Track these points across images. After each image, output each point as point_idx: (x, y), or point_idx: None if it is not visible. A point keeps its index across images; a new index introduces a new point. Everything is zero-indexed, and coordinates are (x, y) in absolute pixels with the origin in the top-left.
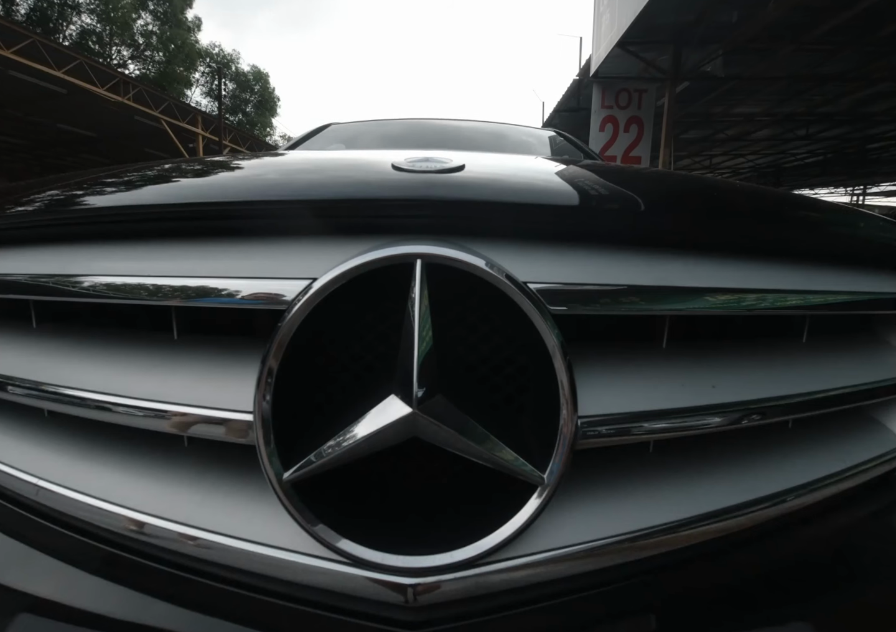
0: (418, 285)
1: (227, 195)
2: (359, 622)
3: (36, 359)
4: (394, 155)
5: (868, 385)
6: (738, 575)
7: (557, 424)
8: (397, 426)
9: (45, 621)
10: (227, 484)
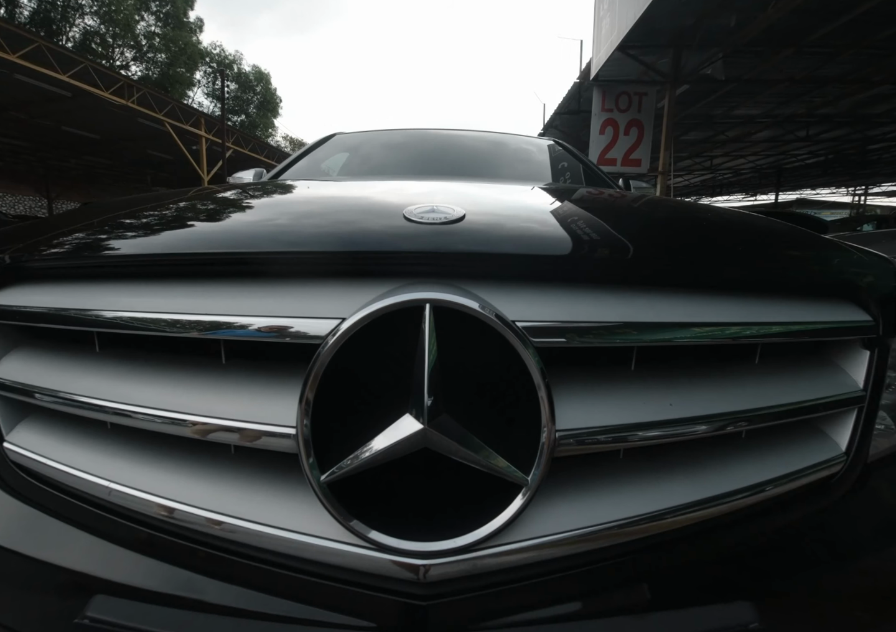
0: (427, 325)
1: (268, 245)
2: (379, 595)
3: (100, 380)
4: (405, 197)
5: (812, 401)
6: (691, 560)
7: (540, 439)
8: (412, 439)
9: (118, 600)
10: (268, 485)
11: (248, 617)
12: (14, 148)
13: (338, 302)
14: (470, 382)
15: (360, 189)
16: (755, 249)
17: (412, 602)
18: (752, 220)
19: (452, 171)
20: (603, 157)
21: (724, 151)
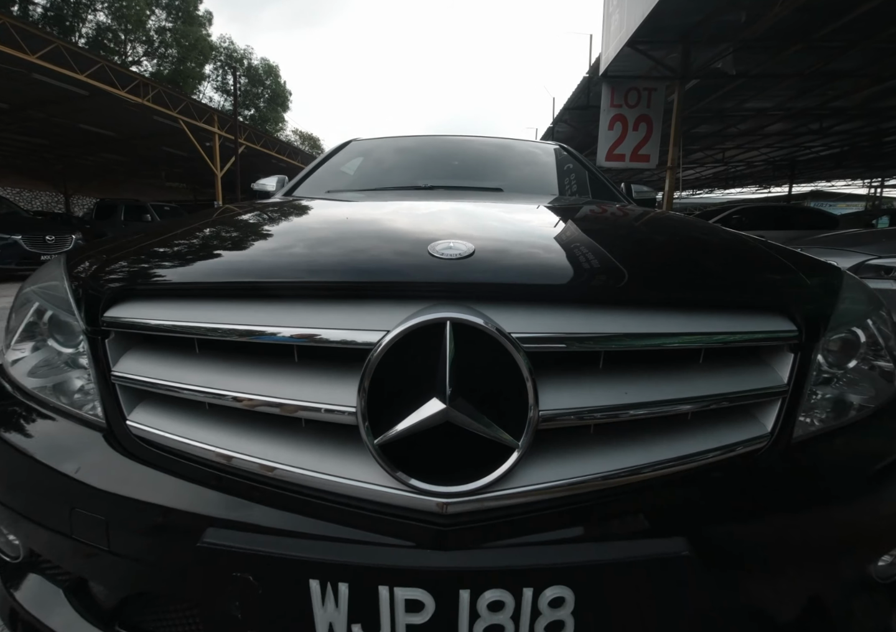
0: (448, 336)
1: (329, 276)
2: (415, 524)
3: (194, 370)
4: (428, 226)
5: (743, 392)
6: (642, 506)
7: (526, 415)
8: (437, 416)
9: (225, 531)
10: (331, 447)
11: (323, 540)
12: (32, 146)
13: (381, 318)
14: (478, 376)
15: (388, 217)
16: (708, 275)
17: (437, 528)
18: (717, 240)
19: (464, 178)
20: (612, 152)
21: (736, 144)
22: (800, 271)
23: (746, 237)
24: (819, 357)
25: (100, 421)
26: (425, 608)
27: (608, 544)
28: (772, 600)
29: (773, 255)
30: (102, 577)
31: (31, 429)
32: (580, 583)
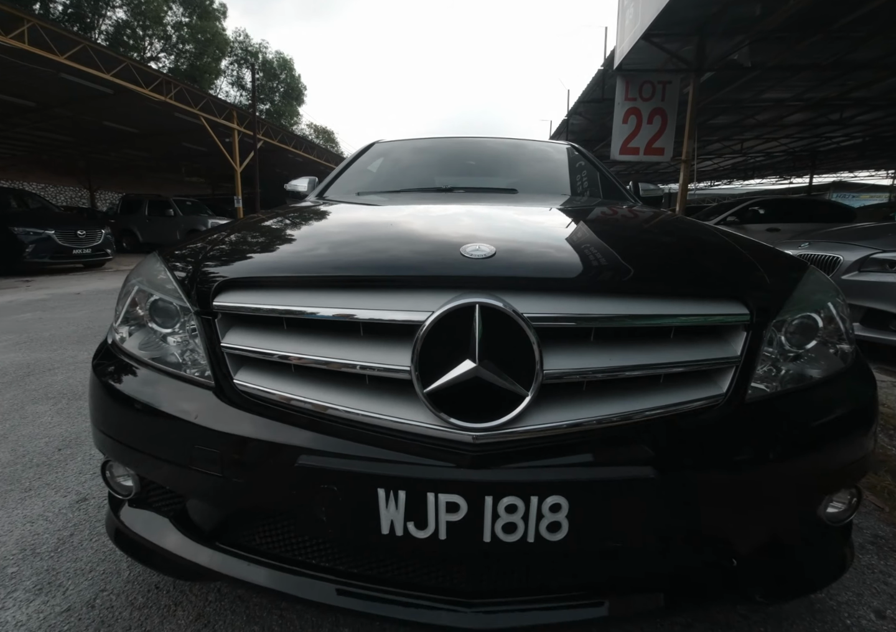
0: (477, 315)
1: (389, 270)
2: (453, 450)
3: (284, 342)
4: (459, 229)
5: (704, 361)
6: (619, 441)
7: (533, 373)
8: (469, 373)
9: (311, 456)
10: (388, 397)
11: (379, 461)
12: (58, 143)
13: (426, 301)
14: (499, 345)
15: (425, 223)
16: (680, 270)
17: (468, 453)
18: (694, 239)
19: (481, 178)
20: (626, 146)
21: (754, 135)
22: (760, 266)
23: (721, 235)
24: (774, 335)
25: (209, 381)
26: (460, 509)
27: (595, 467)
28: (722, 523)
29: (739, 251)
30: (210, 500)
31: (151, 389)
32: (573, 494)
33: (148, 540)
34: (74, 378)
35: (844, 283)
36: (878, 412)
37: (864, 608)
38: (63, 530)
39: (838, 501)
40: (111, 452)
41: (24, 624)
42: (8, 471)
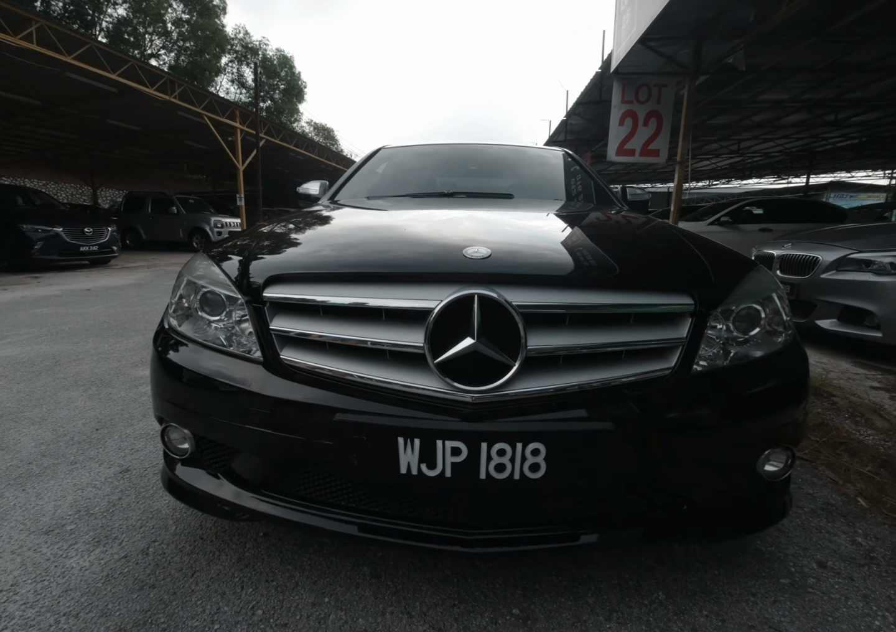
0: (476, 303)
1: (405, 268)
2: (456, 407)
3: (322, 325)
4: (461, 232)
5: (655, 341)
6: (586, 402)
7: (519, 349)
8: (469, 348)
9: (346, 414)
10: (404, 363)
11: (399, 416)
12: (62, 140)
13: (435, 292)
14: (493, 327)
15: (432, 227)
16: (639, 268)
17: (468, 410)
18: (657, 241)
19: (480, 183)
20: (622, 147)
21: (752, 135)
22: (710, 265)
23: (684, 238)
24: (720, 321)
25: (257, 358)
26: (462, 453)
27: (566, 421)
28: (675, 471)
29: (695, 253)
30: (260, 453)
31: (206, 364)
32: (549, 441)
33: (201, 490)
34: (100, 368)
35: (823, 281)
36: (808, 387)
37: (808, 559)
38: (111, 495)
39: (775, 460)
40: (173, 417)
41: (87, 569)
42: (52, 448)
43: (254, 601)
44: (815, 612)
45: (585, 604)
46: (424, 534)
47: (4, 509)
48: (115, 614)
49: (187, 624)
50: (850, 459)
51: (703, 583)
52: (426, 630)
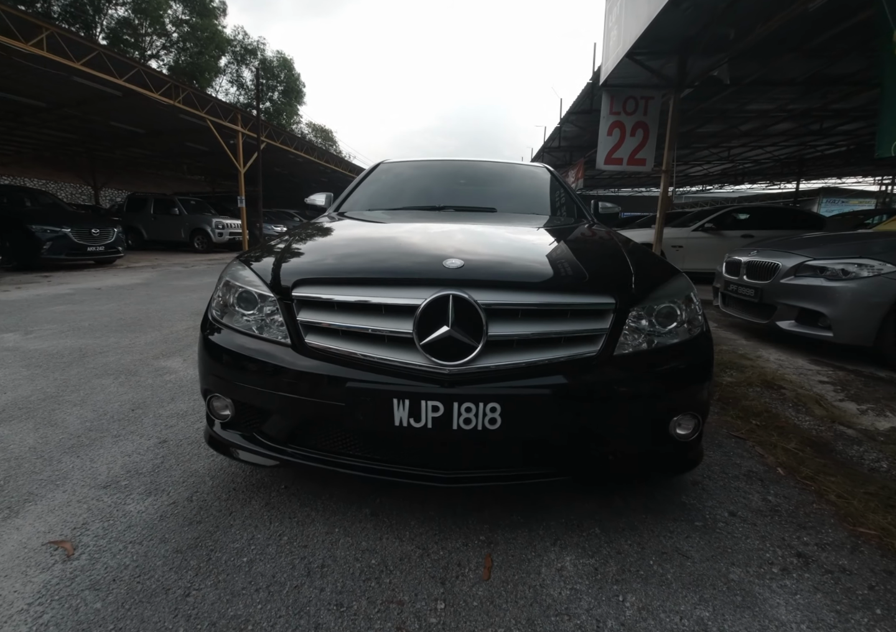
0: (451, 301)
1: (399, 273)
2: (434, 377)
3: (336, 317)
4: (443, 244)
5: (585, 330)
6: (533, 375)
7: (481, 332)
8: (446, 333)
9: (355, 382)
10: (399, 345)
11: (394, 383)
12: (63, 140)
13: (421, 293)
14: (463, 318)
15: (421, 238)
16: (579, 274)
17: (444, 378)
18: (600, 251)
19: (467, 197)
20: (610, 156)
21: (741, 143)
22: (635, 272)
23: (623, 250)
24: (642, 315)
25: (286, 342)
26: (439, 410)
27: (515, 388)
28: (599, 429)
29: (627, 262)
30: (288, 414)
31: (245, 347)
32: (502, 401)
33: (238, 444)
34: (124, 359)
35: (783, 286)
36: (712, 369)
37: (721, 510)
38: (154, 459)
39: (684, 424)
40: (217, 388)
41: (143, 511)
42: (96, 424)
43: (280, 531)
44: (718, 545)
45: (536, 535)
46: (413, 474)
47: (65, 470)
48: (172, 541)
49: (229, 546)
50: (780, 438)
51: (631, 523)
52: (413, 549)
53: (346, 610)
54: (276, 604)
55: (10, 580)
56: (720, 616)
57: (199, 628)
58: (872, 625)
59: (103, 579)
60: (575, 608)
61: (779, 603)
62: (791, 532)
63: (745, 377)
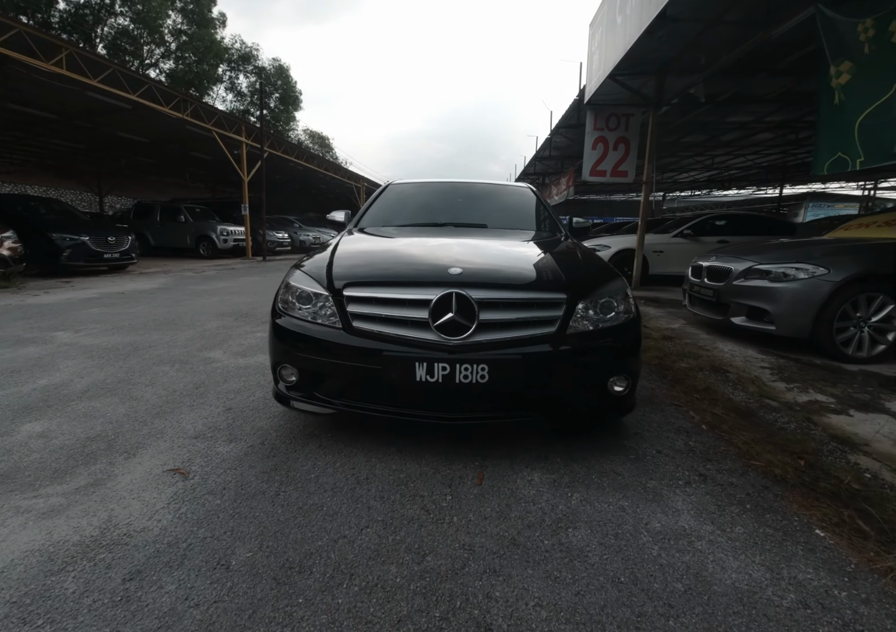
0: (454, 297)
1: (416, 278)
2: (443, 345)
3: (375, 308)
4: (446, 254)
5: (546, 316)
6: (510, 345)
7: (474, 318)
8: (451, 318)
9: (389, 352)
10: (418, 327)
11: (416, 352)
12: (71, 149)
13: (434, 291)
14: (463, 308)
15: (429, 250)
16: (545, 277)
17: (451, 347)
18: (566, 260)
19: (463, 214)
20: (595, 169)
21: (725, 151)
22: (585, 275)
23: (579, 258)
24: (588, 306)
25: (339, 326)
26: (447, 369)
27: (498, 354)
28: (557, 385)
29: (581, 267)
30: (338, 376)
31: (309, 330)
32: (490, 363)
33: (302, 399)
34: (173, 352)
35: (735, 287)
36: (640, 344)
37: (651, 449)
38: (226, 420)
39: (619, 383)
40: (286, 359)
41: (230, 451)
42: (170, 398)
43: (333, 460)
44: (643, 469)
45: (515, 461)
46: (428, 416)
47: (160, 428)
48: (258, 467)
49: (300, 469)
50: (711, 406)
51: (583, 456)
52: (428, 469)
53: (386, 500)
54: (340, 497)
55: (147, 492)
56: (635, 505)
57: (290, 511)
58: (741, 513)
59: (216, 488)
60: (537, 500)
61: (678, 499)
62: (699, 463)
63: (697, 363)
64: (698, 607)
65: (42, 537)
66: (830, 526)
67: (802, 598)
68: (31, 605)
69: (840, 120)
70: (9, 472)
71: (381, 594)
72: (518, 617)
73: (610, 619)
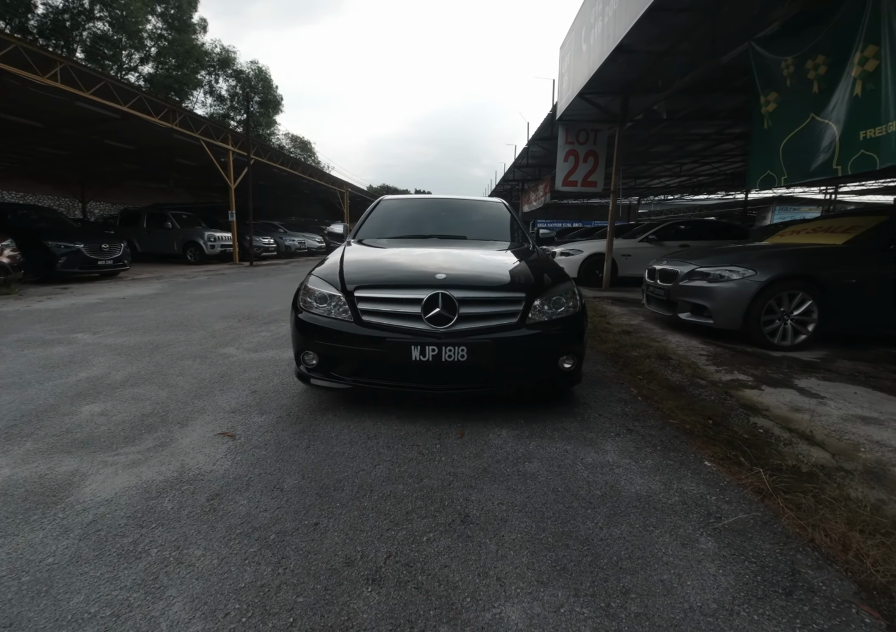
0: (441, 296)
1: (408, 282)
2: (433, 332)
3: (379, 305)
4: (433, 261)
5: (512, 309)
6: (483, 332)
7: (455, 312)
8: (438, 312)
9: (391, 342)
10: (413, 319)
11: (411, 338)
12: (55, 157)
13: (423, 292)
14: (447, 304)
15: (417, 258)
16: (513, 280)
17: (438, 334)
18: (532, 265)
19: (445, 227)
20: (567, 179)
21: (692, 160)
22: (544, 278)
23: (539, 264)
24: (543, 302)
25: (351, 320)
26: (436, 350)
27: (475, 339)
28: (521, 362)
29: (540, 272)
30: (351, 359)
31: (326, 322)
32: (468, 345)
33: (320, 377)
34: (190, 349)
35: (681, 287)
36: (585, 331)
37: (594, 414)
38: (254, 400)
39: (568, 361)
40: (308, 346)
41: (263, 421)
42: (200, 385)
43: (349, 425)
44: (585, 426)
45: (488, 422)
46: (420, 387)
47: (200, 407)
48: (289, 430)
49: (323, 430)
50: (649, 383)
51: (542, 418)
52: (421, 428)
53: (392, 447)
54: (356, 447)
55: (206, 448)
56: (575, 448)
57: (320, 456)
58: (652, 452)
59: (260, 444)
60: (504, 446)
61: (608, 444)
62: (630, 421)
63: (646, 352)
64: (609, 503)
65: (133, 479)
66: (717, 460)
67: (683, 499)
68: (142, 517)
69: (768, 142)
70: (87, 439)
71: (394, 499)
72: (486, 510)
73: (548, 510)
